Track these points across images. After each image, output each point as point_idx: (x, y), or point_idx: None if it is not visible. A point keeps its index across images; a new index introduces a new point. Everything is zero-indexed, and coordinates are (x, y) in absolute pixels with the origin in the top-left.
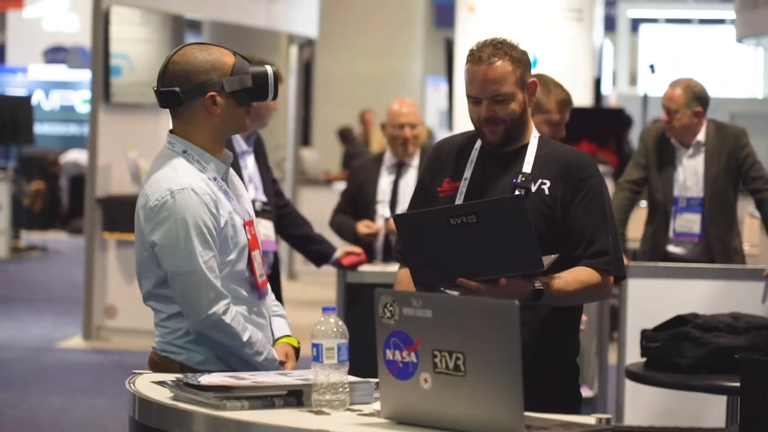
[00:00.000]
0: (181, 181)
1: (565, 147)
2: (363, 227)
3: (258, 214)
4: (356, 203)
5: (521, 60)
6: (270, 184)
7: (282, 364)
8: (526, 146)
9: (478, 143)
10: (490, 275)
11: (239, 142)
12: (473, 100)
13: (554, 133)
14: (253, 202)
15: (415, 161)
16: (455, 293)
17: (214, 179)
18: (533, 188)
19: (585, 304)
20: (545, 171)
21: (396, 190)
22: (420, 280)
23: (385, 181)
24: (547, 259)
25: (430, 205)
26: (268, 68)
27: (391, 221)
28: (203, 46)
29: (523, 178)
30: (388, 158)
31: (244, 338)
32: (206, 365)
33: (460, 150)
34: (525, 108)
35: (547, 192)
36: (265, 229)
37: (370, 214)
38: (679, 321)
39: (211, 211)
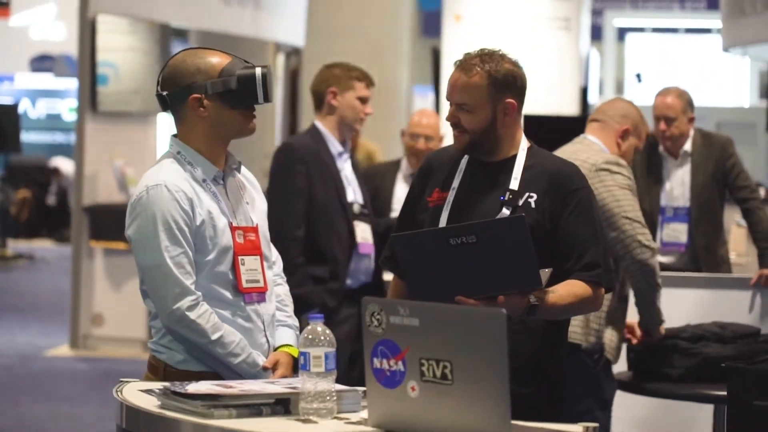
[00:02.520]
0: (158, 177)
1: (554, 158)
2: None
3: (356, 216)
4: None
5: (501, 79)
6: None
7: (267, 369)
8: (514, 158)
9: (467, 155)
10: (489, 293)
11: (334, 144)
12: (448, 101)
13: None
14: (351, 204)
15: None
16: None
17: (204, 181)
18: (520, 203)
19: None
20: (533, 184)
21: None
22: (417, 299)
23: (400, 190)
24: (543, 275)
25: (419, 214)
26: (257, 70)
27: None
28: (197, 50)
29: (510, 196)
30: (405, 167)
31: (213, 337)
32: (186, 365)
33: (451, 161)
34: (493, 125)
35: (533, 205)
36: (363, 232)
37: None
38: (666, 335)
39: (183, 208)
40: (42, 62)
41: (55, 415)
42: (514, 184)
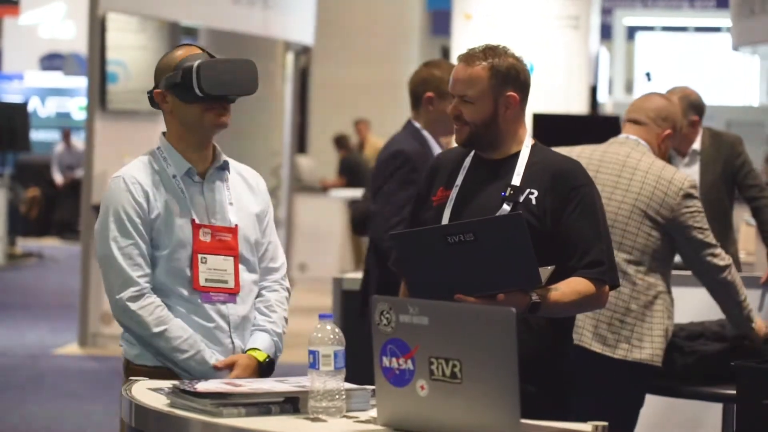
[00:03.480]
0: (121, 171)
1: (557, 155)
2: None
3: None
4: None
5: (504, 72)
6: None
7: (219, 370)
8: (517, 154)
9: (473, 152)
10: (488, 291)
11: (436, 149)
12: (451, 96)
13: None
14: None
15: None
16: None
17: (173, 177)
18: (521, 199)
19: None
20: (535, 181)
21: None
22: (417, 296)
23: None
24: (544, 272)
25: (424, 213)
26: (195, 63)
27: None
28: (178, 47)
29: (512, 191)
30: None
31: (154, 330)
32: (142, 359)
33: (456, 160)
34: (495, 118)
35: (534, 202)
36: None
37: None
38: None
39: (136, 200)
40: (51, 61)
41: (64, 413)
42: (516, 180)
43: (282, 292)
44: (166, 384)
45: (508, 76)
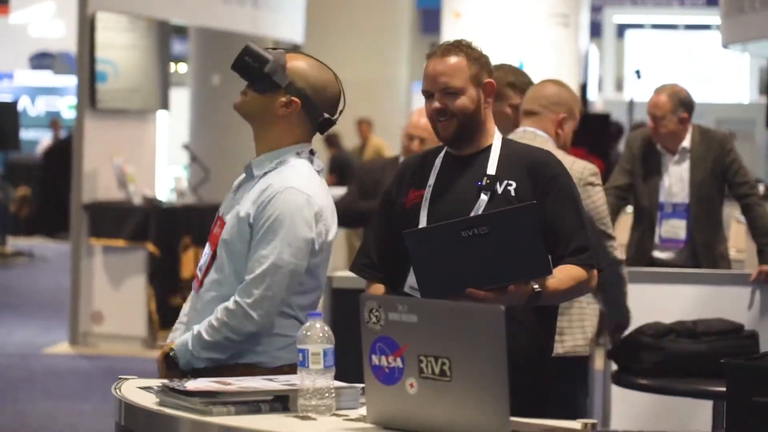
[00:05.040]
0: None
1: (528, 147)
2: None
3: None
4: (368, 199)
5: (478, 59)
6: None
7: None
8: (488, 148)
9: (443, 152)
10: (499, 283)
11: None
12: (427, 94)
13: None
14: None
15: None
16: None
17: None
18: (499, 190)
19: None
20: (510, 172)
21: None
22: (427, 291)
23: None
24: None
25: (395, 216)
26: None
27: None
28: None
29: (488, 180)
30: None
31: None
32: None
33: (423, 161)
34: (479, 106)
35: (513, 193)
36: None
37: None
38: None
39: None
40: (41, 59)
41: (55, 412)
42: (491, 169)
43: (230, 303)
44: (156, 383)
45: (483, 64)
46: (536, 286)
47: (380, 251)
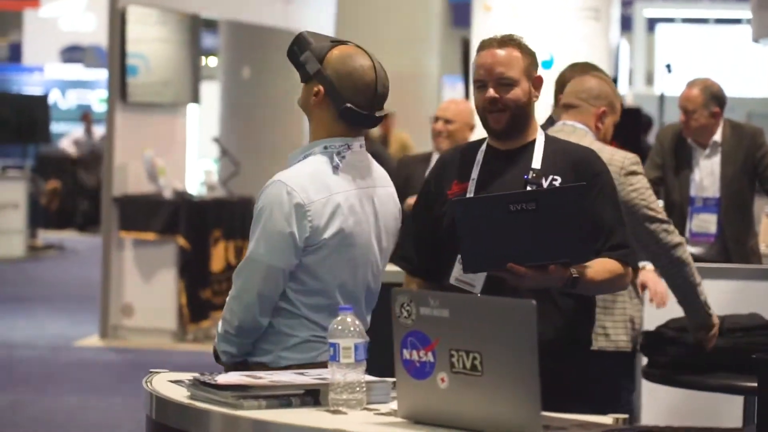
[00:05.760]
0: None
1: (571, 144)
2: (412, 200)
3: None
4: (400, 196)
5: (530, 53)
6: None
7: None
8: (532, 143)
9: (484, 146)
10: (540, 261)
11: None
12: (479, 84)
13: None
14: None
15: None
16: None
17: None
18: (544, 184)
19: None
20: (555, 167)
21: None
22: (469, 264)
23: None
24: None
25: (438, 208)
26: None
27: None
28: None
29: (534, 174)
30: (435, 156)
31: None
32: None
33: (464, 155)
34: (530, 100)
35: (549, 186)
36: None
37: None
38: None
39: None
40: (72, 53)
41: (85, 405)
42: (537, 163)
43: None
44: (187, 376)
45: (534, 57)
46: (574, 272)
47: (420, 244)
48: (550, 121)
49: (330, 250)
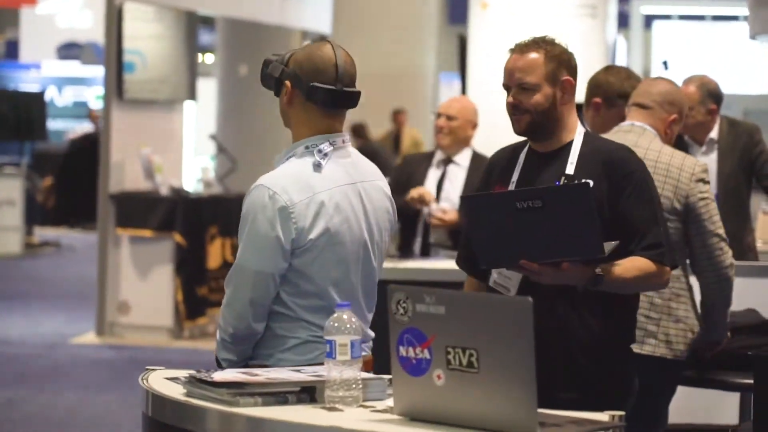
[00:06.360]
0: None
1: (609, 143)
2: (415, 191)
3: None
4: (402, 194)
5: (558, 57)
6: None
7: None
8: (569, 145)
9: (527, 147)
10: (553, 259)
11: None
12: (505, 88)
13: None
14: None
15: (463, 160)
16: (518, 274)
17: None
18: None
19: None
20: (588, 169)
21: (441, 188)
22: (484, 259)
23: (432, 178)
24: (608, 246)
25: None
26: None
27: (434, 214)
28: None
29: (565, 180)
30: (438, 154)
31: None
32: None
33: (510, 156)
34: (554, 103)
35: (555, 184)
36: None
37: (413, 209)
38: None
39: None
40: (69, 50)
41: (81, 402)
42: (570, 168)
43: None
44: (183, 373)
45: (562, 61)
46: (598, 270)
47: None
48: (580, 119)
49: (319, 251)
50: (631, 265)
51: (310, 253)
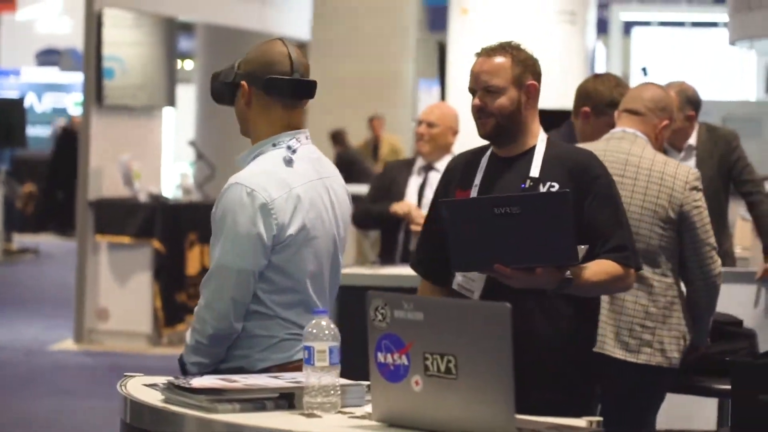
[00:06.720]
0: None
1: (572, 148)
2: (397, 205)
3: None
4: (384, 201)
5: (524, 61)
6: None
7: None
8: (532, 149)
9: (489, 152)
10: (527, 264)
11: None
12: (471, 92)
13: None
14: None
15: (444, 167)
16: (482, 277)
17: None
18: (541, 190)
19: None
20: (553, 173)
21: (422, 194)
22: (458, 263)
23: (413, 184)
24: (580, 251)
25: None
26: None
27: (413, 217)
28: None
29: (531, 183)
30: (419, 161)
31: None
32: None
33: (469, 161)
34: (519, 107)
35: (534, 192)
36: None
37: (394, 216)
38: None
39: None
40: (48, 56)
41: (60, 409)
42: (535, 172)
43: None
44: (161, 380)
45: (528, 66)
46: (568, 274)
47: (429, 249)
48: (570, 126)
49: (297, 246)
50: (599, 269)
51: (290, 249)
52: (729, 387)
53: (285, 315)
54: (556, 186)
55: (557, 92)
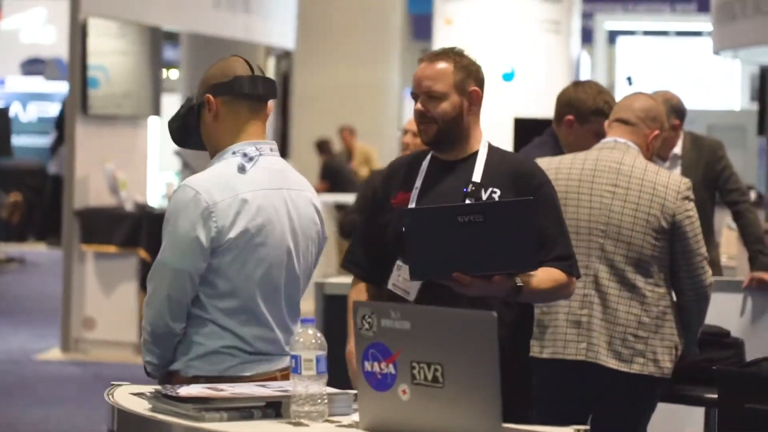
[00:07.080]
0: None
1: (514, 155)
2: None
3: None
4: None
5: (466, 67)
6: None
7: None
8: (474, 155)
9: (429, 156)
10: (487, 272)
11: None
12: (414, 97)
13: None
14: None
15: None
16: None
17: None
18: (483, 197)
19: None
20: (495, 180)
21: None
22: (416, 271)
23: None
24: None
25: (383, 215)
26: None
27: None
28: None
29: (473, 187)
30: None
31: None
32: None
33: (410, 164)
34: (462, 113)
35: (497, 200)
36: None
37: None
38: None
39: None
40: (33, 65)
41: (47, 418)
42: (477, 176)
43: None
44: (148, 389)
45: (471, 72)
46: (518, 281)
47: (366, 249)
48: (551, 134)
49: (239, 250)
50: (547, 276)
51: (230, 253)
52: (715, 396)
53: (224, 323)
54: (498, 192)
55: (542, 101)
